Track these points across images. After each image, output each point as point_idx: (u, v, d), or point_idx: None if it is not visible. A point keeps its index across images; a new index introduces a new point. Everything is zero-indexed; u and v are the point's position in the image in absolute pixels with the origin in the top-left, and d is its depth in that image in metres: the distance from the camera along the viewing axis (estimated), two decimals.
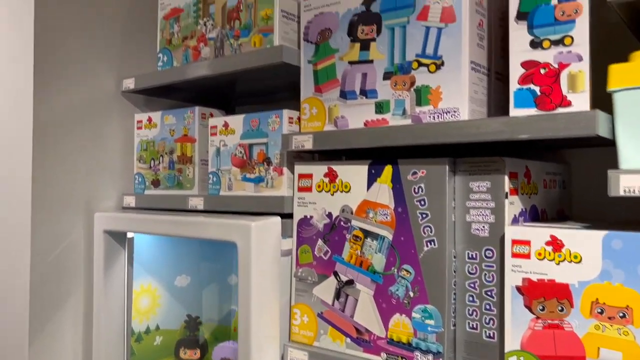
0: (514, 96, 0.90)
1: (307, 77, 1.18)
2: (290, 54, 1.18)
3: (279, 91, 1.55)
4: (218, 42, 1.37)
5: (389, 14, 1.05)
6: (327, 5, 1.15)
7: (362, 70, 1.09)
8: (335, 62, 1.14)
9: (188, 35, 1.45)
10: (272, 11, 1.26)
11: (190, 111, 1.42)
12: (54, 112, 1.41)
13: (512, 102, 0.90)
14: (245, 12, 1.32)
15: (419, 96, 1.01)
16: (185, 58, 1.45)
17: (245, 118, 1.29)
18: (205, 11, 1.41)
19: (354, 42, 1.11)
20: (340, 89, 1.13)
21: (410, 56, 1.02)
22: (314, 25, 1.17)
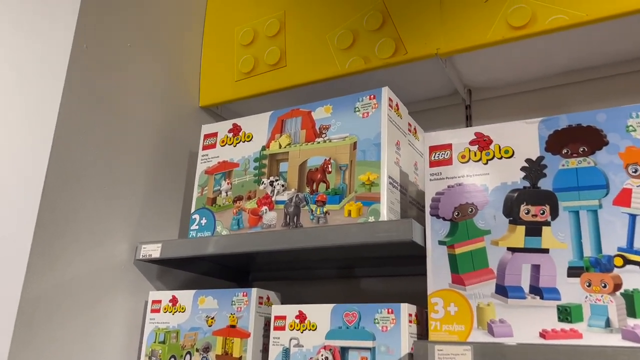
0: None
1: (438, 263, 0.91)
2: (418, 232, 0.91)
3: (361, 264, 1.25)
4: (291, 207, 1.08)
5: (568, 193, 0.84)
6: (467, 176, 0.93)
7: (532, 261, 0.84)
8: (486, 246, 0.88)
9: (244, 195, 1.15)
10: (378, 177, 1.01)
11: (243, 293, 1.07)
12: (46, 287, 1.01)
13: None
14: (335, 174, 1.06)
15: (632, 303, 0.76)
16: (237, 223, 1.14)
17: (334, 309, 0.97)
18: (274, 169, 1.14)
19: (515, 225, 0.87)
20: (496, 282, 0.86)
21: (609, 249, 0.79)
22: (447, 198, 0.93)
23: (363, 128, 1.06)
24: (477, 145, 0.93)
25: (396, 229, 0.90)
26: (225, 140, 1.23)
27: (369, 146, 1.04)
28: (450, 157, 0.95)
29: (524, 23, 1.06)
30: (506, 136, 0.91)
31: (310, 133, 1.12)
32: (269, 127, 1.18)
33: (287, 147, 1.14)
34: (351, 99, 1.10)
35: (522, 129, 0.90)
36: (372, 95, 1.07)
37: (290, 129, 1.15)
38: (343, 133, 1.08)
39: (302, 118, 1.14)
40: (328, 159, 1.08)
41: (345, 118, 1.09)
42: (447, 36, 1.13)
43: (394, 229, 0.90)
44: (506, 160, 0.90)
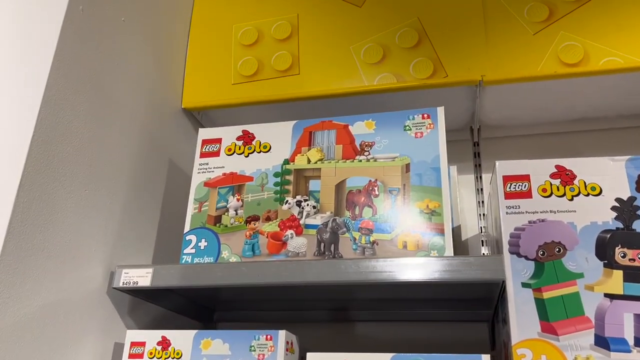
0: None
1: (523, 308, 0.80)
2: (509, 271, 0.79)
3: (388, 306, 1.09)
4: (327, 233, 0.91)
5: None
6: (551, 212, 0.84)
7: (635, 310, 0.76)
8: (579, 291, 0.79)
9: (260, 215, 0.95)
10: (440, 205, 0.88)
11: (267, 336, 0.86)
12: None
13: None
14: (384, 199, 0.92)
15: None
16: (252, 248, 0.93)
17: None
18: (301, 187, 0.96)
19: (610, 269, 0.79)
20: (594, 332, 0.76)
21: None
22: (529, 235, 0.83)
23: (417, 149, 0.93)
24: (560, 180, 0.85)
25: (487, 266, 0.78)
26: (232, 149, 1.03)
27: (426, 170, 0.91)
28: (529, 189, 0.86)
29: (577, 61, 1.03)
30: (591, 172, 0.85)
31: (349, 149, 0.97)
32: (292, 138, 1.01)
33: (318, 162, 0.97)
34: (399, 116, 0.97)
35: (608, 166, 0.84)
36: (425, 115, 0.96)
37: (322, 142, 0.99)
38: (392, 152, 0.94)
39: (337, 132, 0.99)
40: (374, 181, 0.93)
41: (393, 136, 0.95)
42: (493, 64, 1.07)
43: (485, 267, 0.78)
44: (594, 198, 0.83)
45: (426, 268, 0.80)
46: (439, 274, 0.79)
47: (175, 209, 1.14)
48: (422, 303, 1.15)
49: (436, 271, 0.79)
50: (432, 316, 1.18)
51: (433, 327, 1.19)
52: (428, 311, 1.18)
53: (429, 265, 0.80)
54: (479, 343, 1.15)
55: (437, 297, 1.11)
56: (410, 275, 0.80)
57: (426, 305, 1.16)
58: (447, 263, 0.79)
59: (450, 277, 0.79)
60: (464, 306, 1.14)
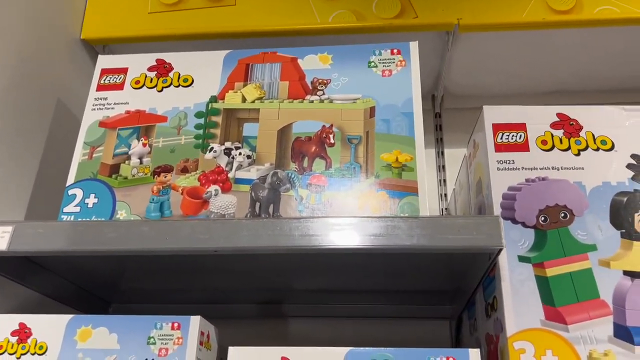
0: None
1: (521, 289, 0.60)
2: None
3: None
4: (264, 190, 0.68)
5: None
6: (553, 169, 0.66)
7: None
8: (592, 268, 0.61)
9: (174, 166, 0.71)
10: (413, 158, 0.68)
11: (173, 324, 0.61)
12: None
13: None
14: (342, 149, 0.70)
15: None
16: (160, 208, 0.69)
17: (351, 354, 0.58)
18: (232, 131, 0.73)
19: (629, 240, 0.61)
20: (614, 320, 0.58)
21: None
22: (526, 196, 0.64)
23: (384, 90, 0.73)
24: (563, 130, 0.68)
25: (477, 229, 0.58)
26: (142, 82, 0.78)
27: (396, 115, 0.71)
28: (526, 140, 0.67)
29: (568, 8, 0.87)
30: (600, 123, 0.68)
31: (297, 87, 0.75)
32: (223, 71, 0.78)
33: (256, 102, 0.75)
34: (362, 50, 0.77)
35: (621, 116, 0.68)
36: (395, 50, 0.76)
37: (262, 77, 0.77)
38: (352, 93, 0.73)
39: (283, 66, 0.77)
40: (329, 126, 0.72)
41: (354, 74, 0.75)
42: (471, 6, 0.89)
43: (474, 230, 0.58)
44: (605, 154, 0.66)
45: (394, 230, 0.59)
46: (415, 239, 0.58)
47: (62, 159, 0.87)
48: (370, 296, 0.95)
49: (412, 235, 0.58)
50: (382, 312, 0.98)
51: (382, 325, 0.98)
52: (377, 306, 0.97)
53: (396, 227, 0.59)
54: (437, 344, 0.96)
55: (389, 288, 0.91)
56: (366, 241, 0.58)
57: (374, 299, 0.96)
58: (423, 223, 0.59)
59: (429, 244, 0.58)
60: (421, 300, 0.95)
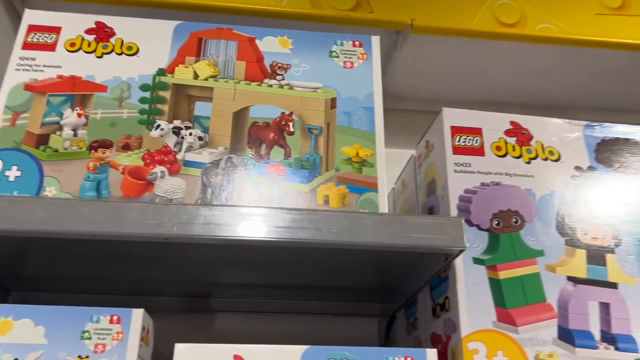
0: None
1: (475, 290, 0.61)
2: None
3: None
4: (217, 175, 0.63)
5: (628, 217, 0.67)
6: (506, 175, 0.67)
7: (600, 298, 0.63)
8: (540, 272, 0.63)
9: (116, 141, 0.64)
10: (374, 154, 0.66)
11: (113, 317, 0.54)
12: None
13: None
14: (302, 138, 0.67)
15: None
16: (97, 187, 0.61)
17: (307, 353, 0.56)
18: (183, 109, 0.67)
19: (573, 247, 0.65)
20: (558, 323, 0.61)
21: None
22: (481, 199, 0.65)
23: (346, 82, 0.71)
24: (516, 138, 0.70)
25: (441, 229, 0.58)
26: (78, 45, 0.70)
27: (357, 109, 0.69)
28: (482, 145, 0.69)
29: (513, 21, 0.91)
30: (549, 134, 0.71)
31: (255, 69, 0.71)
32: (173, 43, 0.71)
33: (210, 80, 0.69)
34: (324, 38, 0.74)
35: (566, 130, 0.72)
36: (357, 42, 0.74)
37: (217, 54, 0.71)
38: (312, 81, 0.71)
39: (240, 45, 0.72)
40: (289, 114, 0.68)
41: (315, 62, 0.72)
42: (424, 9, 0.90)
43: (438, 230, 0.58)
44: (553, 164, 0.69)
45: (361, 225, 0.57)
46: (380, 238, 0.57)
47: None
48: (300, 292, 0.93)
49: (374, 232, 0.57)
50: (311, 308, 0.96)
51: (310, 321, 0.97)
52: (306, 302, 0.95)
53: (362, 221, 0.57)
54: (365, 342, 0.96)
55: (320, 285, 0.89)
56: (352, 238, 0.56)
57: (304, 295, 0.94)
58: (394, 221, 0.58)
59: (395, 242, 0.57)
60: (351, 298, 0.94)
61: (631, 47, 0.93)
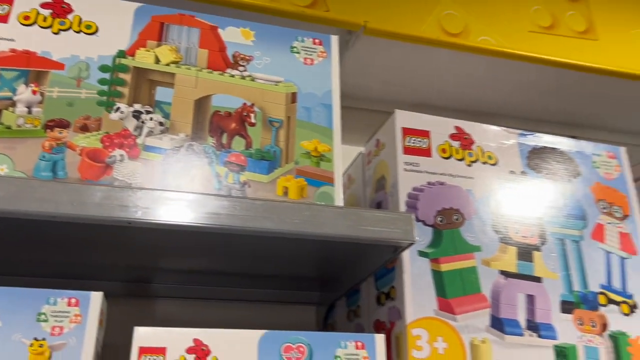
0: None
1: (420, 281, 0.66)
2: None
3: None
4: (178, 162, 0.63)
5: (553, 218, 0.75)
6: (450, 175, 0.73)
7: (527, 290, 0.70)
8: (477, 266, 0.69)
9: (73, 122, 0.62)
10: (331, 150, 0.69)
11: (70, 300, 0.53)
12: None
13: None
14: (263, 130, 0.68)
15: (618, 347, 0.70)
16: (53, 167, 0.60)
17: (264, 339, 0.58)
18: (143, 93, 0.66)
19: (506, 244, 0.71)
20: (491, 312, 0.67)
21: (594, 285, 0.73)
22: (427, 197, 0.70)
23: (306, 78, 0.73)
24: (460, 142, 0.76)
25: (394, 223, 0.62)
26: (33, 18, 0.67)
27: (316, 105, 0.72)
28: (429, 147, 0.74)
29: (457, 31, 0.97)
30: (487, 140, 0.77)
31: (218, 58, 0.71)
32: (134, 25, 0.70)
33: (172, 65, 0.69)
34: (285, 33, 0.76)
35: (503, 137, 0.78)
36: (317, 40, 0.77)
37: (179, 40, 0.71)
38: (274, 75, 0.72)
39: (202, 32, 0.72)
40: (250, 105, 0.69)
41: (277, 56, 0.74)
42: (376, 14, 0.94)
43: (391, 224, 0.62)
44: (490, 168, 0.75)
45: (322, 217, 0.60)
46: (338, 230, 0.60)
47: None
48: (241, 279, 0.95)
49: (334, 224, 0.60)
50: (252, 295, 0.98)
51: (250, 308, 0.99)
52: (247, 289, 0.97)
53: (323, 213, 0.61)
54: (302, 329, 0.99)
55: (261, 273, 0.91)
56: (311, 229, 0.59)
57: (245, 283, 0.96)
58: (350, 214, 0.61)
59: (351, 234, 0.61)
60: (291, 286, 0.97)
61: (557, 64, 1.03)
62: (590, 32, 1.07)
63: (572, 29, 1.06)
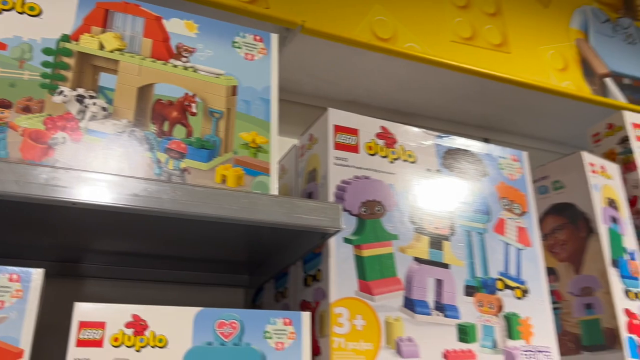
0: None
1: (343, 265, 0.73)
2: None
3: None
4: (119, 147, 0.66)
5: (463, 212, 0.84)
6: (374, 171, 0.80)
7: (436, 275, 0.78)
8: (394, 252, 0.77)
9: (15, 102, 0.63)
10: (268, 142, 0.74)
11: (12, 276, 0.55)
12: None
13: None
14: (203, 120, 0.72)
15: (510, 326, 0.81)
16: None
17: (199, 316, 0.62)
18: (87, 77, 0.68)
19: (420, 234, 0.79)
20: (404, 294, 0.75)
21: (494, 272, 0.83)
22: (354, 189, 0.77)
23: (246, 72, 0.78)
24: (384, 141, 0.83)
25: (324, 212, 0.68)
26: None
27: (255, 99, 0.77)
28: (357, 144, 0.81)
29: (387, 37, 1.04)
30: (408, 140, 0.85)
31: (161, 48, 0.74)
32: (78, 10, 0.71)
33: (116, 52, 0.71)
34: (228, 28, 0.80)
35: (423, 138, 0.87)
36: (258, 37, 0.81)
37: (124, 28, 0.73)
38: (216, 67, 0.76)
39: (147, 22, 0.75)
40: (192, 95, 0.73)
41: (219, 49, 0.77)
42: (314, 15, 0.99)
43: (322, 213, 0.68)
44: (410, 165, 0.83)
45: (258, 204, 0.65)
46: (273, 217, 0.66)
47: None
48: (171, 262, 0.98)
49: (270, 211, 0.66)
50: (183, 277, 1.01)
51: (181, 290, 1.02)
52: (177, 272, 1.01)
53: (260, 201, 0.66)
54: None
55: (192, 256, 0.95)
56: (247, 215, 0.64)
57: (176, 265, 0.99)
58: (284, 203, 0.67)
59: (286, 221, 0.66)
60: (221, 269, 1.02)
61: (474, 73, 1.13)
62: (504, 46, 1.19)
63: (489, 41, 1.17)
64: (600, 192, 0.96)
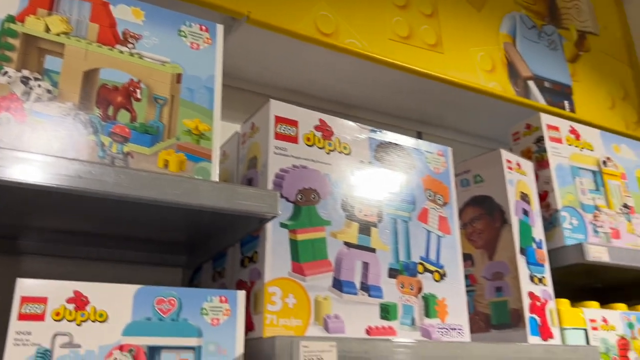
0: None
1: (278, 248, 0.78)
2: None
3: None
4: (67, 130, 0.68)
5: (390, 202, 0.91)
6: (312, 161, 0.85)
7: (363, 258, 0.85)
8: (326, 237, 0.83)
9: None
10: (210, 129, 0.78)
11: None
12: None
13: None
14: (148, 106, 0.74)
15: (428, 306, 0.89)
16: None
17: (139, 293, 0.66)
18: (32, 60, 0.69)
19: (351, 220, 0.86)
20: (333, 275, 0.81)
21: (415, 257, 0.90)
22: (291, 178, 0.82)
23: (191, 61, 0.81)
24: (322, 133, 0.88)
25: (262, 199, 0.73)
26: None
27: (199, 87, 0.80)
28: (297, 135, 0.86)
29: (329, 32, 1.09)
30: (344, 133, 0.91)
31: (108, 34, 0.76)
32: None
33: (62, 36, 0.72)
34: (174, 17, 0.82)
35: (357, 131, 0.93)
36: (204, 27, 0.84)
37: (70, 12, 0.74)
38: (161, 55, 0.79)
39: (93, 7, 0.76)
40: (137, 81, 0.75)
41: (165, 37, 0.80)
42: (261, 5, 1.03)
43: (260, 199, 0.73)
44: (345, 157, 0.89)
45: (197, 188, 0.69)
46: (213, 201, 0.70)
47: None
48: (113, 241, 1.00)
49: (210, 195, 0.70)
50: (122, 256, 1.04)
51: (121, 269, 1.05)
52: (117, 250, 1.03)
53: (200, 186, 0.70)
54: None
55: (133, 236, 0.98)
56: (185, 198, 0.68)
57: (117, 244, 1.01)
58: (225, 189, 0.71)
59: (224, 206, 0.71)
60: (160, 249, 1.05)
61: (409, 71, 1.20)
62: (439, 46, 1.27)
63: (424, 41, 1.25)
64: (514, 187, 1.06)
